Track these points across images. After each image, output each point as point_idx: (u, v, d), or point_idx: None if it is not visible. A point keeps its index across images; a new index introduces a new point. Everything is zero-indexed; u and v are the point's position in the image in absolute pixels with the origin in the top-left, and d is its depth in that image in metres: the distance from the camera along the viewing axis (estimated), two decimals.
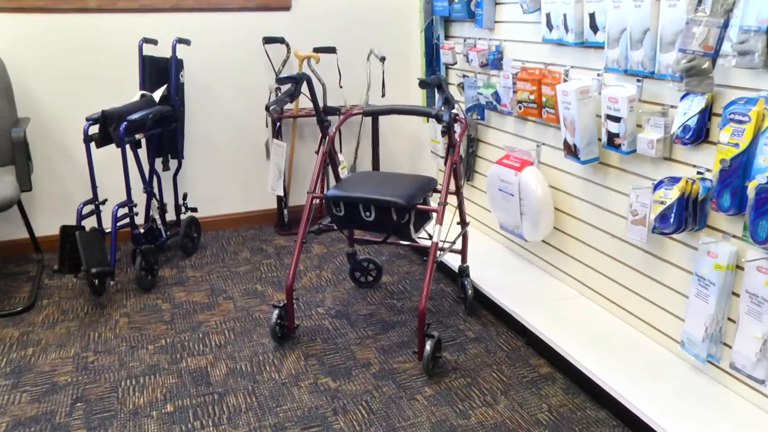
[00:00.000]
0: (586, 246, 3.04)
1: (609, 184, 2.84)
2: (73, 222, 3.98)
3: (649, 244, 2.65)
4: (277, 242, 4.34)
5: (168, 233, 4.07)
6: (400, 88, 4.80)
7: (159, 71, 3.91)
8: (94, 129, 3.58)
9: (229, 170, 4.56)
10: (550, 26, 3.00)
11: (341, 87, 4.56)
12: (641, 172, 2.64)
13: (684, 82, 2.23)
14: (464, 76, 3.90)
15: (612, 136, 2.63)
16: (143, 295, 3.57)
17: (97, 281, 3.49)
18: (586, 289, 3.09)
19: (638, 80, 2.56)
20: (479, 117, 3.78)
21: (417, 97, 4.72)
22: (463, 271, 3.29)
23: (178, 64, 3.86)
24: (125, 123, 3.42)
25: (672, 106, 2.43)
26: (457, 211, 3.28)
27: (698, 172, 2.35)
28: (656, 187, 2.39)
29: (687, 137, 2.29)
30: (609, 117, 2.61)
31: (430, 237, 2.81)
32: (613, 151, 2.66)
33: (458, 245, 3.34)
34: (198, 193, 4.50)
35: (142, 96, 3.80)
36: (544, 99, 3.09)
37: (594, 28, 2.74)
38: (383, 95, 4.56)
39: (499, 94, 3.49)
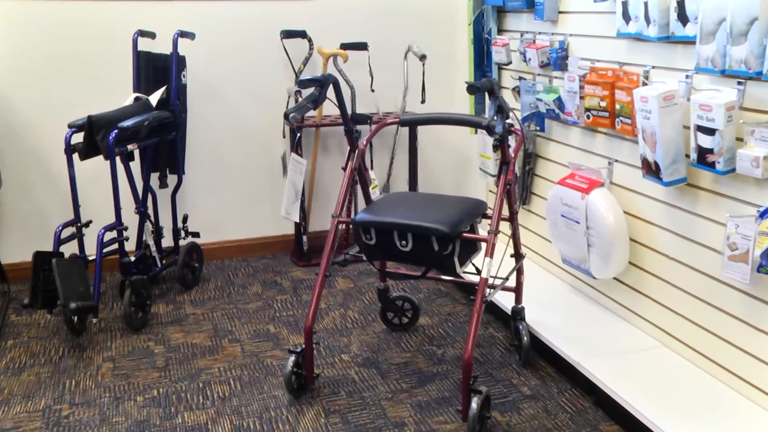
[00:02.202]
0: (670, 286, 3.01)
1: (699, 211, 2.81)
2: (49, 247, 4.00)
3: (752, 286, 2.60)
4: (294, 275, 4.35)
5: (164, 262, 4.08)
6: (444, 93, 4.81)
7: (157, 70, 3.93)
8: (78, 137, 3.58)
9: (239, 189, 4.59)
10: (627, 17, 2.98)
11: (373, 91, 4.58)
12: (742, 196, 2.60)
13: None
14: (520, 78, 3.88)
15: (704, 152, 2.59)
16: (132, 335, 3.57)
17: (76, 318, 3.48)
18: (669, 339, 3.06)
19: (739, 83, 2.52)
20: (538, 128, 3.77)
21: (464, 104, 4.71)
22: (518, 314, 3.29)
23: (180, 62, 3.88)
24: (115, 131, 3.42)
25: None
26: (511, 241, 3.25)
27: None
28: (762, 215, 2.36)
29: None
30: (700, 129, 2.58)
31: (478, 272, 2.81)
32: (706, 170, 2.62)
33: (512, 282, 3.30)
34: (201, 215, 4.53)
35: (137, 99, 3.81)
36: (618, 106, 3.07)
37: (683, 18, 2.71)
38: (423, 101, 4.55)
39: (562, 100, 3.48)
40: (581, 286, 3.63)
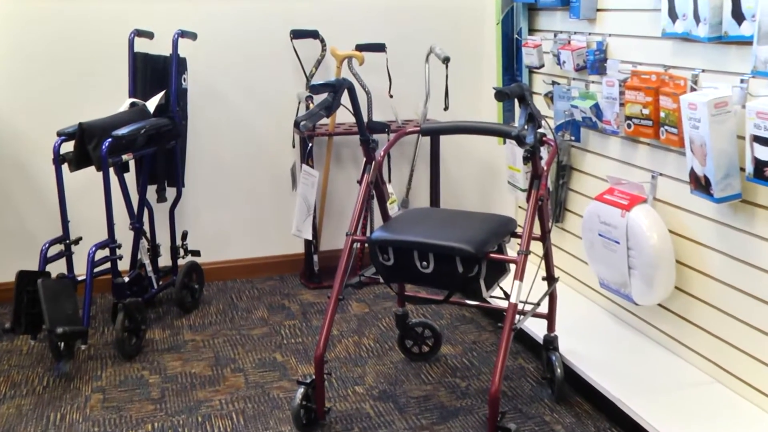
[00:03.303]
0: (722, 314, 2.99)
1: (756, 231, 2.79)
2: (34, 266, 3.94)
3: None
4: (303, 298, 4.37)
5: (161, 283, 4.09)
6: (469, 99, 4.83)
7: (155, 73, 3.95)
8: (68, 146, 3.59)
9: (243, 203, 4.60)
10: (673, 15, 2.96)
11: (391, 96, 4.56)
12: None
13: None
14: (554, 83, 3.88)
15: (761, 165, 2.57)
16: (124, 363, 3.58)
17: (63, 344, 3.46)
18: (722, 374, 3.03)
19: None
20: (573, 138, 3.77)
21: (491, 112, 4.70)
22: (550, 343, 3.29)
23: (180, 65, 3.90)
24: (109, 140, 3.43)
25: None
26: (543, 262, 3.25)
27: None
28: None
29: None
30: (757, 139, 2.55)
31: (507, 296, 2.83)
32: (763, 185, 2.60)
33: (543, 308, 3.31)
34: (201, 231, 4.54)
35: (132, 105, 3.83)
36: (662, 114, 3.06)
37: (738, 16, 2.68)
38: (446, 108, 4.54)
39: (600, 107, 3.48)
40: (621, 313, 3.62)
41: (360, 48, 4.38)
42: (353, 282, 3.20)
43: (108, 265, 3.63)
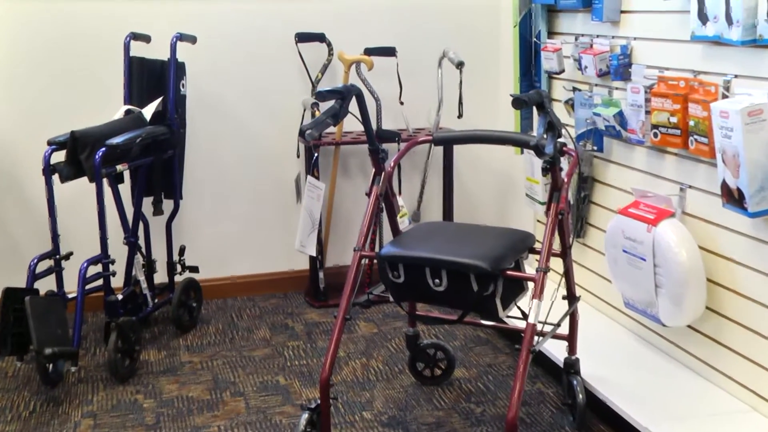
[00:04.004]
0: (758, 336, 2.98)
1: None
2: (21, 283, 3.92)
3: None
4: (308, 317, 4.38)
5: (156, 301, 4.10)
6: (484, 107, 4.84)
7: (152, 79, 3.97)
8: (59, 156, 3.62)
9: (245, 217, 4.62)
10: (703, 17, 2.95)
11: (402, 103, 4.56)
12: None
13: None
14: (575, 89, 3.89)
15: None
16: (117, 387, 3.58)
17: (51, 366, 3.46)
18: (759, 401, 3.00)
19: None
20: (596, 148, 3.78)
21: (508, 120, 4.67)
22: (571, 367, 3.29)
23: (179, 69, 3.91)
24: (103, 149, 3.44)
25: None
26: (563, 280, 3.27)
27: None
28: None
29: None
30: None
31: (525, 316, 2.80)
32: None
33: (564, 329, 3.30)
34: (200, 246, 4.55)
35: (128, 112, 3.84)
36: (691, 123, 3.05)
37: None
38: (460, 116, 4.55)
39: (624, 115, 3.48)
40: (648, 334, 3.60)
41: (369, 52, 4.39)
42: (361, 300, 3.17)
43: (100, 281, 3.64)
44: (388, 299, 3.16)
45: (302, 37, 4.35)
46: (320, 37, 4.39)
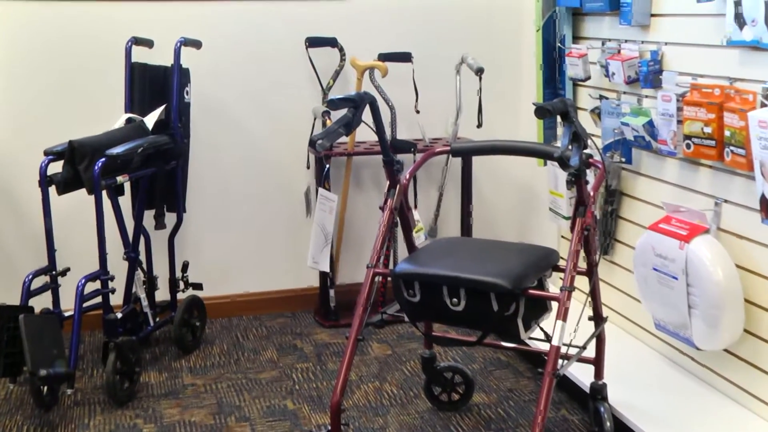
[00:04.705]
0: None
1: None
2: (15, 300, 3.93)
3: None
4: (318, 337, 4.39)
5: (158, 320, 4.10)
6: (505, 116, 4.85)
7: (154, 85, 3.98)
8: (56, 167, 3.63)
9: (251, 231, 4.64)
10: (740, 21, 2.94)
11: (418, 112, 4.58)
12: None
13: None
14: (602, 97, 3.89)
15: None
16: (116, 410, 3.58)
17: (46, 389, 3.46)
18: None
19: None
20: (624, 159, 3.78)
21: (530, 130, 4.68)
22: (598, 392, 3.28)
23: (183, 76, 3.93)
24: (102, 159, 3.45)
25: None
26: (589, 299, 3.25)
27: None
28: None
29: None
30: None
31: (548, 338, 2.82)
32: None
33: (590, 352, 3.30)
34: (204, 262, 4.55)
35: (129, 121, 3.85)
36: (727, 133, 3.05)
37: None
38: (479, 125, 4.54)
39: (655, 125, 3.47)
40: (680, 358, 3.59)
41: (383, 58, 4.40)
42: (374, 320, 3.20)
43: (99, 299, 3.64)
44: (402, 319, 3.22)
45: (313, 42, 4.36)
46: (332, 42, 4.40)
